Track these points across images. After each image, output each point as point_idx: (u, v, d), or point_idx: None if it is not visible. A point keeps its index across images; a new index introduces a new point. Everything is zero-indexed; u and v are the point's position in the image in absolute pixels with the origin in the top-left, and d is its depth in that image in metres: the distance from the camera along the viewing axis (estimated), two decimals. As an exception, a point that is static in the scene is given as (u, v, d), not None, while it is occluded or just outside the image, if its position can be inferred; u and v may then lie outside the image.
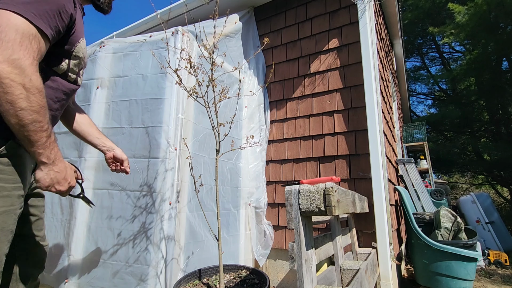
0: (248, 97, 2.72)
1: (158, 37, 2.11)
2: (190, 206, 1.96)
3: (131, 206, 1.87)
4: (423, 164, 5.82)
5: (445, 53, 10.73)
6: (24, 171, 0.92)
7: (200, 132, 2.16)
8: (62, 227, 2.01)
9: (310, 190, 1.02)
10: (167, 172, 1.83)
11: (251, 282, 1.66)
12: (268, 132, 2.82)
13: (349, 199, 1.36)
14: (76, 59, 1.06)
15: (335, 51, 2.65)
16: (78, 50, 1.05)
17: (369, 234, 2.19)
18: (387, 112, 3.18)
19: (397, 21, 3.96)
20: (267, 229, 2.53)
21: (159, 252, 1.72)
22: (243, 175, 2.54)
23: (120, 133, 2.03)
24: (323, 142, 2.53)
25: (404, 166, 3.32)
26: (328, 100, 2.59)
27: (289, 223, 1.04)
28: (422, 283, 2.48)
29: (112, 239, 1.85)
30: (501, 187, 9.75)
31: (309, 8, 2.90)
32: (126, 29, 3.40)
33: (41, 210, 1.14)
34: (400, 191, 2.76)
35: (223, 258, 1.61)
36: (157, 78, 2.02)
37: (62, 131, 2.24)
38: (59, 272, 1.91)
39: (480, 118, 9.30)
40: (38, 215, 1.12)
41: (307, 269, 1.03)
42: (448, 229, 2.52)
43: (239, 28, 2.81)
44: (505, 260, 3.85)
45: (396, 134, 4.49)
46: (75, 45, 1.03)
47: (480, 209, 4.81)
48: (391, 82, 4.14)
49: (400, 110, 6.35)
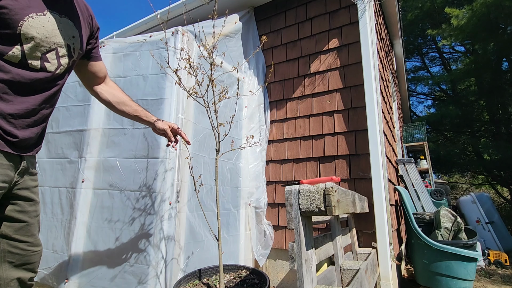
0: (248, 97, 2.72)
1: (158, 37, 2.11)
2: (190, 206, 1.96)
3: (131, 206, 1.87)
4: (423, 164, 5.82)
5: (445, 53, 10.73)
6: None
7: (200, 132, 2.16)
8: (62, 227, 2.02)
9: (310, 190, 1.02)
10: (167, 172, 1.83)
11: (251, 282, 1.66)
12: (268, 132, 2.82)
13: (349, 199, 1.36)
14: (30, 41, 0.89)
15: (335, 51, 2.65)
16: (26, 30, 0.88)
17: (369, 234, 2.19)
18: (387, 112, 3.18)
19: (397, 21, 3.96)
20: (267, 229, 2.53)
21: (159, 252, 1.72)
22: (243, 175, 2.54)
23: (122, 133, 2.03)
24: (323, 142, 2.53)
25: (404, 166, 3.32)
26: (328, 100, 2.59)
27: (289, 223, 1.04)
28: (422, 283, 2.48)
29: (112, 239, 1.85)
30: (501, 187, 9.75)
31: (309, 8, 2.90)
32: (126, 29, 3.40)
33: (31, 215, 1.04)
34: (400, 191, 2.76)
35: (223, 258, 1.61)
36: (157, 78, 2.02)
37: (62, 131, 2.24)
38: (59, 272, 1.91)
39: (480, 118, 9.29)
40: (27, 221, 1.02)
41: (307, 269, 1.03)
42: (448, 229, 2.52)
43: (239, 28, 2.81)
44: (505, 260, 3.85)
45: (396, 134, 4.49)
46: (19, 25, 0.86)
47: (480, 209, 4.81)
48: (391, 82, 4.14)
49: (400, 110, 6.35)
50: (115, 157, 2.00)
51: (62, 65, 1.03)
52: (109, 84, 1.34)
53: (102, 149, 2.06)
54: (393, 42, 4.64)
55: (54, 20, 0.97)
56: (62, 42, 1.01)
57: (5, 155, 0.90)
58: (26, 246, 1.02)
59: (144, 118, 1.39)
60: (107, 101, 1.31)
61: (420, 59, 11.38)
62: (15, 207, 0.99)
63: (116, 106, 1.32)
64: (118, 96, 1.32)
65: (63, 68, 1.04)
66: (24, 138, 0.96)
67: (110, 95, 1.31)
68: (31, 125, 0.98)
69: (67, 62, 1.05)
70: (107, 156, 2.02)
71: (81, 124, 2.16)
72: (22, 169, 0.99)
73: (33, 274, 1.07)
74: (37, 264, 1.08)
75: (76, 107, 2.24)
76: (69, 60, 1.06)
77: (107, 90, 1.31)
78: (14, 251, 0.99)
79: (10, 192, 0.97)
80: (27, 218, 1.02)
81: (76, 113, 2.22)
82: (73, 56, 1.08)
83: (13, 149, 0.93)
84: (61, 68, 1.03)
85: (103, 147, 2.06)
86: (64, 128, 2.24)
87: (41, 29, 0.92)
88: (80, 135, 2.14)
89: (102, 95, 1.30)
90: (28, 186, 1.03)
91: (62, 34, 1.00)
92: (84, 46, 1.15)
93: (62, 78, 1.06)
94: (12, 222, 0.99)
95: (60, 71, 1.03)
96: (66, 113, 2.26)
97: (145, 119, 1.40)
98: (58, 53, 1.00)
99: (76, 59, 1.12)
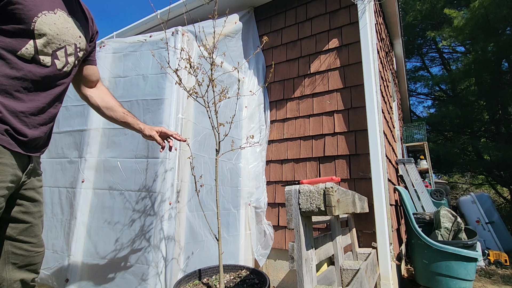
0: (248, 97, 2.72)
1: (158, 37, 2.11)
2: (190, 206, 1.96)
3: (132, 206, 1.87)
4: (423, 164, 5.82)
5: (445, 53, 10.73)
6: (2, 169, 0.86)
7: (200, 132, 2.16)
8: (62, 227, 2.02)
9: (310, 190, 1.02)
10: (167, 172, 1.84)
11: (251, 282, 1.66)
12: (268, 132, 2.82)
13: (349, 199, 1.36)
14: (42, 37, 0.92)
15: (335, 51, 2.65)
16: (40, 26, 0.91)
17: (369, 234, 2.19)
18: (387, 112, 3.18)
19: (397, 21, 3.96)
20: (267, 229, 2.53)
21: (159, 252, 1.72)
22: (243, 175, 2.54)
23: (122, 133, 2.03)
24: (323, 142, 2.53)
25: (404, 166, 3.32)
26: (328, 100, 2.59)
27: (289, 223, 1.04)
28: (422, 283, 2.48)
29: (112, 239, 1.85)
30: (501, 187, 9.74)
31: (309, 8, 2.90)
32: (126, 29, 3.40)
33: (36, 216, 1.04)
34: (400, 191, 2.76)
35: (223, 258, 1.61)
36: (157, 79, 2.03)
37: (62, 131, 2.24)
38: (59, 272, 1.91)
39: (480, 118, 9.30)
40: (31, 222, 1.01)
41: (307, 269, 1.03)
42: (448, 229, 2.52)
43: (239, 28, 2.81)
44: (505, 260, 3.85)
45: (396, 134, 4.49)
46: (33, 21, 0.89)
47: (480, 209, 4.81)
48: (391, 82, 4.14)
49: (400, 110, 6.35)
50: (115, 157, 2.00)
51: (69, 63, 1.05)
52: (100, 88, 1.32)
53: (102, 149, 2.06)
54: (393, 42, 4.64)
55: (64, 19, 1.00)
56: (71, 40, 1.03)
57: (15, 155, 0.90)
58: (29, 247, 1.02)
59: (132, 125, 1.36)
60: (95, 105, 1.29)
61: (420, 59, 11.39)
62: (20, 208, 0.99)
63: (104, 111, 1.29)
64: (107, 101, 1.30)
65: (70, 67, 1.06)
66: (34, 137, 0.96)
67: (99, 99, 1.29)
68: (41, 124, 0.98)
69: (73, 60, 1.07)
70: (107, 156, 2.02)
71: (81, 124, 2.16)
72: (30, 169, 0.99)
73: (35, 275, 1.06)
74: (40, 265, 1.08)
75: (76, 107, 2.24)
76: (75, 59, 1.08)
77: (97, 95, 1.29)
78: (18, 252, 0.99)
79: (17, 192, 0.97)
80: (31, 219, 1.02)
81: (76, 113, 2.22)
82: (78, 56, 1.10)
83: (24, 149, 0.93)
84: (68, 66, 1.04)
85: (103, 147, 2.06)
86: (64, 128, 2.24)
87: (53, 26, 0.94)
88: (80, 135, 2.14)
89: (91, 99, 1.28)
90: (34, 187, 1.03)
91: (70, 33, 1.03)
92: (88, 47, 1.17)
93: (68, 77, 1.07)
94: (17, 223, 0.98)
95: (67, 69, 1.04)
96: (66, 113, 2.27)
97: (133, 126, 1.37)
98: (66, 51, 1.02)
99: (81, 58, 1.14)
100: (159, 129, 1.44)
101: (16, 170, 0.91)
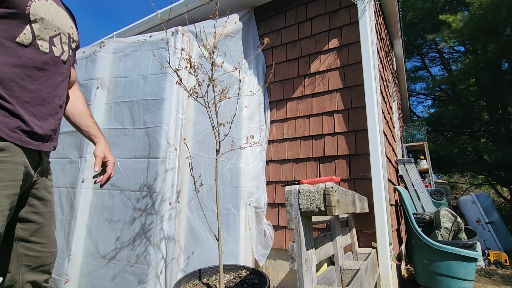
0: (248, 97, 2.72)
1: (158, 37, 2.11)
2: (190, 206, 1.96)
3: (132, 206, 1.87)
4: (423, 164, 5.82)
5: (445, 53, 10.73)
6: (15, 168, 0.84)
7: (200, 132, 2.16)
8: (62, 227, 2.02)
9: (310, 190, 1.02)
10: (167, 172, 1.84)
11: (251, 282, 1.66)
12: (268, 132, 2.82)
13: (349, 199, 1.36)
14: (38, 22, 0.91)
15: (335, 51, 2.65)
16: (35, 10, 0.89)
17: (369, 234, 2.19)
18: (387, 112, 3.18)
19: (397, 21, 3.96)
20: (267, 229, 2.53)
21: (159, 252, 1.72)
22: (243, 175, 2.54)
23: (122, 134, 2.03)
24: (323, 142, 2.53)
25: (404, 166, 3.32)
26: (328, 100, 2.59)
27: (289, 223, 1.04)
28: (422, 283, 2.48)
29: (112, 239, 1.85)
30: (501, 187, 9.74)
31: (309, 8, 2.90)
32: (126, 29, 3.40)
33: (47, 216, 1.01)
34: (400, 191, 2.76)
35: (223, 258, 1.61)
36: (158, 78, 2.03)
37: (62, 131, 2.24)
38: (59, 272, 1.91)
39: (480, 118, 9.29)
40: (42, 222, 0.99)
41: (307, 269, 1.03)
42: (448, 229, 2.52)
43: (239, 28, 2.81)
44: (505, 260, 3.85)
45: (396, 134, 4.49)
46: (28, 5, 0.88)
47: (480, 209, 4.81)
48: (391, 82, 4.14)
49: (400, 110, 6.35)
50: (115, 157, 1.99)
51: (65, 51, 1.03)
52: (74, 92, 1.24)
53: (102, 149, 2.06)
54: (393, 42, 4.64)
55: (55, 8, 0.99)
56: (64, 29, 1.03)
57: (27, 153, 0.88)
58: (41, 248, 1.00)
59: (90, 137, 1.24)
60: None
61: (420, 59, 11.38)
62: (31, 209, 0.97)
63: (70, 116, 1.20)
64: (76, 107, 1.21)
65: (66, 55, 1.04)
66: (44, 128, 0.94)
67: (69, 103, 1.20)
68: (49, 115, 0.96)
69: (68, 50, 1.05)
70: (107, 156, 2.02)
71: (81, 124, 2.16)
72: (41, 168, 0.97)
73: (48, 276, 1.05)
74: (52, 265, 1.06)
75: (76, 107, 2.23)
76: (69, 49, 1.06)
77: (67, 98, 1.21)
78: (30, 253, 0.97)
79: (28, 192, 0.95)
80: (42, 220, 1.00)
81: (76, 113, 2.22)
82: (72, 46, 1.08)
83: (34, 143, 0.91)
84: (64, 55, 1.02)
85: (103, 147, 2.06)
86: (65, 128, 2.24)
87: (47, 12, 0.94)
88: (80, 135, 2.13)
89: None
90: (45, 186, 1.01)
91: (63, 22, 1.02)
92: (78, 40, 1.15)
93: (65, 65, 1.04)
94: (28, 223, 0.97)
95: (64, 58, 1.03)
96: (66, 113, 2.26)
97: (90, 138, 1.25)
98: (61, 39, 1.01)
99: (74, 50, 1.12)
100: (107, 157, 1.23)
101: (28, 169, 0.89)
